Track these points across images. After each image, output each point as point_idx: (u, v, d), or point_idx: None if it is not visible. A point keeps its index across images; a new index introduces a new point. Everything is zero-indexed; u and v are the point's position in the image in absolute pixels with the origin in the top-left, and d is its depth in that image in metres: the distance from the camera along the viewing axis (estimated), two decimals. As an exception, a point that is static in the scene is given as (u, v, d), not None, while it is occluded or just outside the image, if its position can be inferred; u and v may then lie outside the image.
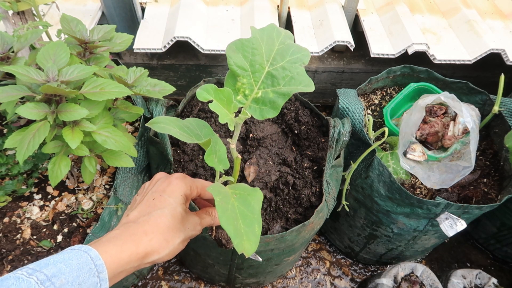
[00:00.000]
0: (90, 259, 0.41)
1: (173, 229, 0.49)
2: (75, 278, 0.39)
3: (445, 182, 0.95)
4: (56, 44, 0.70)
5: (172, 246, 0.49)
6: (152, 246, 0.46)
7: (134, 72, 0.82)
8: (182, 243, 0.51)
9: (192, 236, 0.52)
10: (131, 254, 0.44)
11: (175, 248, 0.49)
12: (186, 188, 0.53)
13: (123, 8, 1.30)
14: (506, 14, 1.48)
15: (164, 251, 0.48)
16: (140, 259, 0.46)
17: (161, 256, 0.47)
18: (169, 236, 0.48)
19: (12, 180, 0.92)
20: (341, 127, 0.91)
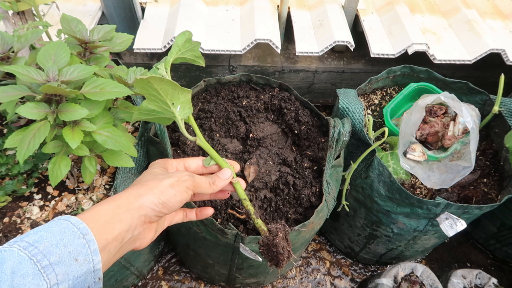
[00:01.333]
0: (72, 224, 0.40)
1: (151, 178, 0.50)
2: (59, 240, 0.38)
3: (445, 182, 0.95)
4: (57, 44, 0.70)
5: (156, 187, 0.48)
6: (131, 192, 0.47)
7: (134, 72, 0.82)
8: (170, 185, 0.49)
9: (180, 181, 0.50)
10: (111, 203, 0.44)
11: (164, 189, 0.48)
12: (159, 161, 0.55)
13: (123, 8, 1.30)
14: (506, 14, 1.48)
15: (147, 191, 0.47)
16: (125, 204, 0.45)
17: (145, 196, 0.47)
18: (148, 182, 0.49)
19: (12, 180, 0.92)
20: (341, 127, 0.91)
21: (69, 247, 0.38)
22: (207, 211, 0.62)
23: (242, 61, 1.43)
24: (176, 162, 0.57)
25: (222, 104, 1.02)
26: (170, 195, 0.48)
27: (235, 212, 0.70)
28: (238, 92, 1.06)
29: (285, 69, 1.44)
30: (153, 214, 0.47)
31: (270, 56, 1.45)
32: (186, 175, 0.52)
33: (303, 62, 1.45)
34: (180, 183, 0.50)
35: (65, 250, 0.37)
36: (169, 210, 0.49)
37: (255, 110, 1.01)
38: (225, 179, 0.57)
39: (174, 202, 0.49)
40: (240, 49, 1.23)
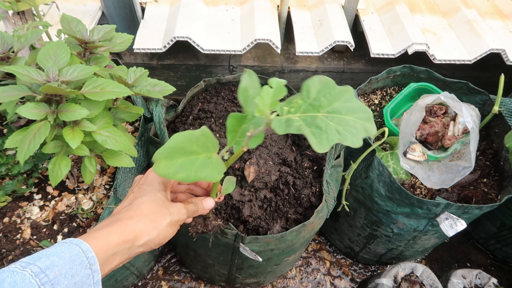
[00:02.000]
0: (82, 252, 0.41)
1: (157, 212, 0.50)
2: (68, 270, 0.39)
3: (445, 182, 0.95)
4: (57, 44, 0.70)
5: (160, 227, 0.49)
6: (139, 227, 0.47)
7: (134, 72, 0.82)
8: (170, 226, 0.51)
9: (179, 220, 0.52)
10: (120, 236, 0.45)
11: (164, 231, 0.50)
12: (161, 177, 0.54)
13: (123, 8, 1.30)
14: (506, 14, 1.48)
15: (153, 232, 0.48)
16: (131, 241, 0.46)
17: (151, 237, 0.48)
18: (154, 218, 0.49)
19: (12, 180, 0.92)
20: (341, 127, 0.91)
21: (76, 278, 0.39)
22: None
23: (242, 61, 1.43)
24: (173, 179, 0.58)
25: (222, 104, 1.02)
26: (167, 236, 0.51)
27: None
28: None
29: (285, 69, 1.44)
30: (147, 251, 0.51)
31: (270, 56, 1.46)
32: (185, 214, 0.54)
33: (303, 62, 1.45)
34: (178, 223, 0.53)
35: (72, 280, 0.39)
36: (158, 246, 0.52)
37: (255, 110, 1.01)
38: (207, 208, 0.60)
39: (165, 241, 0.51)
40: (240, 49, 1.23)
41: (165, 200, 0.52)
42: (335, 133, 0.41)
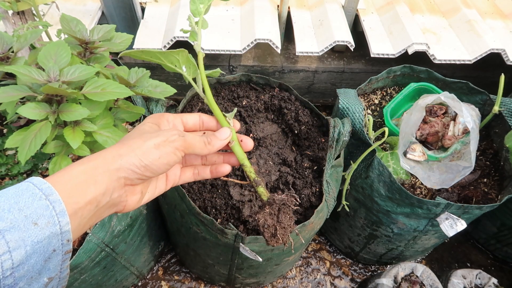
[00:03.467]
0: (33, 185, 0.36)
1: (135, 136, 0.44)
2: (13, 204, 0.34)
3: (445, 182, 0.95)
4: (57, 44, 0.70)
5: (140, 150, 0.43)
6: (110, 153, 0.42)
7: (136, 72, 0.82)
8: (155, 147, 0.43)
9: (168, 141, 0.45)
10: (87, 163, 0.40)
11: (147, 152, 0.43)
12: (155, 114, 0.50)
13: (123, 8, 1.30)
14: (506, 14, 1.48)
15: (127, 152, 0.42)
16: (102, 165, 0.41)
17: (126, 157, 0.42)
18: (130, 141, 0.43)
19: (12, 180, 0.91)
20: (341, 127, 0.91)
21: (25, 211, 0.34)
22: (223, 168, 0.55)
23: (242, 61, 1.43)
24: (173, 116, 0.51)
25: (222, 104, 1.02)
26: (154, 157, 0.43)
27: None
28: (238, 92, 1.06)
29: (285, 69, 1.44)
30: (134, 177, 0.43)
31: (270, 56, 1.45)
32: (175, 134, 0.46)
33: (303, 62, 1.45)
34: (167, 143, 0.45)
35: (20, 214, 0.34)
36: (154, 173, 0.44)
37: (255, 110, 1.01)
38: (222, 139, 0.50)
39: (159, 165, 0.44)
40: (240, 49, 1.22)
41: (151, 128, 0.47)
42: None
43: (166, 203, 0.97)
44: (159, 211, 1.14)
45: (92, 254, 0.83)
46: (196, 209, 0.82)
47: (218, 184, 0.89)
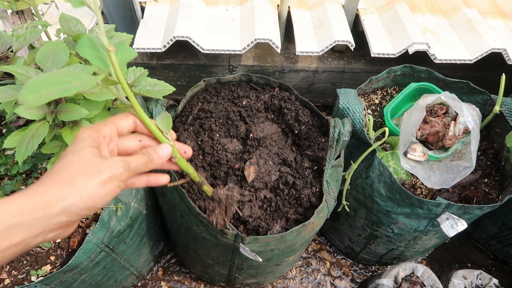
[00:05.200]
0: None
1: (79, 172, 0.40)
2: None
3: (445, 182, 0.95)
4: (56, 43, 0.70)
5: (84, 189, 0.39)
6: (51, 193, 0.39)
7: (134, 72, 0.82)
8: (101, 185, 0.41)
9: (113, 177, 0.42)
10: (23, 205, 0.37)
11: (92, 192, 0.40)
12: (90, 131, 0.44)
13: (123, 8, 1.30)
14: (507, 14, 1.47)
15: (73, 195, 0.39)
16: (41, 210, 0.37)
17: (71, 202, 0.39)
18: (74, 180, 0.40)
19: (11, 180, 0.91)
20: (342, 127, 0.90)
21: None
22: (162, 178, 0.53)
23: (242, 61, 1.42)
24: (109, 129, 0.47)
25: (222, 104, 1.02)
26: (101, 197, 0.41)
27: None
28: (238, 92, 1.06)
29: (285, 69, 1.44)
30: (76, 218, 0.41)
31: (270, 56, 1.45)
32: (120, 167, 0.43)
33: (303, 61, 1.45)
34: (113, 180, 0.42)
35: None
36: (96, 210, 0.42)
37: (255, 110, 1.01)
38: (164, 157, 0.49)
39: (104, 203, 0.42)
40: (240, 49, 1.22)
41: (93, 157, 0.42)
42: None
43: (166, 203, 0.97)
44: (159, 211, 1.14)
45: (91, 254, 0.83)
46: (196, 209, 0.81)
47: (218, 184, 0.89)
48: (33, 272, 0.82)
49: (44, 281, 0.78)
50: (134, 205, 0.94)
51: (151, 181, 0.52)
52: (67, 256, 0.85)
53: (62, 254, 0.86)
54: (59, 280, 0.81)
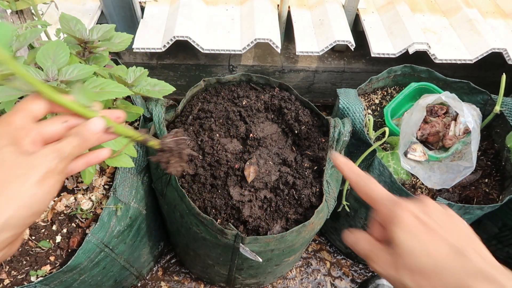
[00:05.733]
0: None
1: (6, 178, 0.34)
2: None
3: (446, 182, 0.95)
4: (56, 43, 0.69)
5: (19, 196, 0.34)
6: None
7: (134, 72, 0.81)
8: (38, 185, 0.35)
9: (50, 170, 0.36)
10: None
11: (29, 197, 0.34)
12: (5, 135, 0.36)
13: (123, 8, 1.30)
14: (507, 14, 1.47)
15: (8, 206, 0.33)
16: None
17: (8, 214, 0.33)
18: (4, 188, 0.33)
19: (11, 180, 0.91)
20: (342, 127, 0.90)
21: None
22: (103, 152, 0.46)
23: (242, 61, 1.42)
24: (20, 117, 0.38)
25: (222, 104, 1.02)
26: (41, 199, 0.35)
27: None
28: (238, 91, 1.06)
29: (285, 69, 1.44)
30: (22, 230, 0.35)
31: (270, 56, 1.45)
32: (54, 158, 0.37)
33: (303, 61, 1.45)
34: (49, 175, 0.36)
35: None
36: (42, 213, 0.37)
37: (255, 110, 1.01)
38: (96, 132, 0.41)
39: (47, 203, 0.37)
40: (240, 49, 1.22)
41: (15, 156, 0.35)
42: None
43: (165, 203, 0.96)
44: (158, 211, 1.13)
45: (91, 254, 0.83)
46: (196, 209, 0.81)
47: (218, 184, 0.89)
48: (32, 272, 0.82)
49: (44, 281, 0.77)
50: (134, 205, 0.94)
51: (91, 160, 0.45)
52: (66, 256, 0.85)
53: (61, 254, 0.85)
54: (59, 280, 0.80)
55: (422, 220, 0.39)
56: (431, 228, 0.38)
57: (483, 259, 0.35)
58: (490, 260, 0.35)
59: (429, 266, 0.36)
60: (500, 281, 0.33)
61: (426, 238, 0.37)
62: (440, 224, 0.39)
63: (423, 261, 0.36)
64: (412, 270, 0.37)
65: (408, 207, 0.40)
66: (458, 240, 0.37)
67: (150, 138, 0.53)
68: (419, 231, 0.38)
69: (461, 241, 0.37)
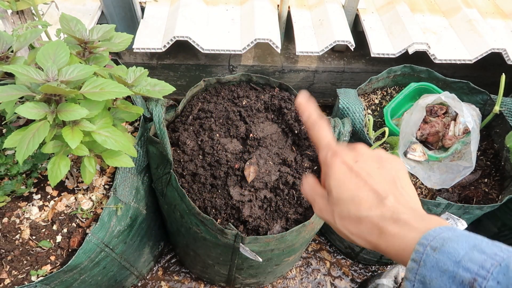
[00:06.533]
0: None
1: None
2: None
3: (445, 182, 0.95)
4: (56, 43, 0.70)
5: None
6: None
7: (134, 72, 0.82)
8: None
9: None
10: None
11: None
12: None
13: (123, 8, 1.30)
14: (507, 14, 1.47)
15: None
16: None
17: None
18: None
19: (11, 180, 0.91)
20: (342, 127, 0.90)
21: None
22: None
23: (242, 61, 1.42)
24: None
25: (222, 104, 1.02)
26: None
27: None
28: (238, 92, 1.06)
29: (285, 69, 1.44)
30: None
31: (270, 56, 1.45)
32: None
33: (303, 61, 1.45)
34: None
35: None
36: None
37: (255, 110, 1.01)
38: None
39: None
40: (240, 49, 1.22)
41: None
42: None
43: (166, 203, 0.97)
44: (159, 211, 1.14)
45: (91, 254, 0.83)
46: (196, 209, 0.81)
47: (218, 184, 0.89)
48: (33, 272, 0.82)
49: (44, 281, 0.78)
50: (134, 205, 0.94)
51: None
52: (67, 256, 0.85)
53: (62, 254, 0.86)
54: (59, 280, 0.81)
55: (352, 169, 0.39)
56: (359, 176, 0.38)
57: (399, 203, 0.36)
58: (407, 204, 0.36)
59: (355, 213, 0.37)
60: (410, 223, 0.34)
61: (354, 187, 0.38)
62: (369, 171, 0.39)
63: (350, 208, 0.37)
64: (342, 216, 0.38)
65: (341, 155, 0.40)
66: (382, 186, 0.38)
67: None
68: (348, 180, 0.38)
69: (385, 187, 0.37)
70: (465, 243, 0.30)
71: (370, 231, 0.36)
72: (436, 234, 0.31)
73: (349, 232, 0.37)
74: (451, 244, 0.30)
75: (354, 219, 0.37)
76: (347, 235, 0.38)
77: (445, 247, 0.30)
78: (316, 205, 0.42)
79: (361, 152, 0.41)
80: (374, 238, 0.36)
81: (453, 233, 0.32)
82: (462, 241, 0.31)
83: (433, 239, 0.31)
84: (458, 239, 0.31)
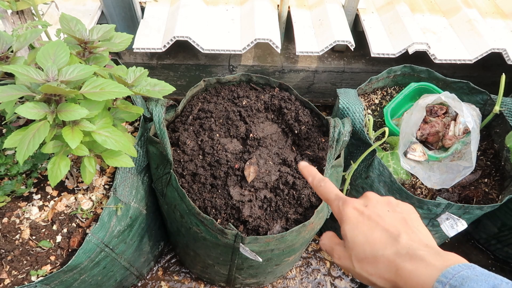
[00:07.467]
0: None
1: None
2: None
3: (445, 182, 0.95)
4: (56, 43, 0.70)
5: None
6: None
7: (134, 72, 0.82)
8: None
9: None
10: None
11: None
12: None
13: (123, 8, 1.30)
14: (507, 14, 1.47)
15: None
16: None
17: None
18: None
19: (11, 180, 0.91)
20: (342, 127, 0.90)
21: None
22: None
23: (242, 61, 1.42)
24: None
25: (222, 104, 1.02)
26: None
27: None
28: (238, 92, 1.06)
29: (285, 69, 1.44)
30: None
31: (270, 56, 1.45)
32: None
33: (303, 61, 1.45)
34: None
35: None
36: None
37: (255, 110, 1.01)
38: None
39: None
40: (240, 49, 1.22)
41: None
42: None
43: (166, 203, 0.97)
44: (159, 211, 1.14)
45: (91, 254, 0.83)
46: (196, 209, 0.81)
47: (218, 184, 0.89)
48: (33, 272, 0.82)
49: (44, 281, 0.78)
50: (134, 205, 0.94)
51: None
52: (67, 256, 0.85)
53: (62, 254, 0.86)
54: (59, 280, 0.81)
55: (363, 213, 0.41)
56: (371, 219, 0.41)
57: (412, 241, 0.38)
58: (421, 241, 0.38)
59: (371, 253, 0.39)
60: (426, 259, 0.35)
61: (367, 228, 0.40)
62: (379, 214, 0.41)
63: (365, 249, 0.39)
64: (359, 259, 0.39)
65: (352, 202, 0.43)
66: (394, 226, 0.40)
67: None
68: (361, 223, 0.41)
69: (397, 226, 0.39)
70: (484, 283, 0.31)
71: (387, 269, 0.37)
72: (455, 272, 0.32)
73: (368, 274, 0.39)
74: (470, 283, 0.31)
75: (371, 259, 0.38)
76: (367, 277, 0.39)
77: (465, 286, 0.31)
78: (335, 254, 0.43)
79: (371, 198, 0.44)
80: (392, 276, 0.37)
81: (472, 271, 0.32)
82: (481, 281, 0.31)
83: (452, 277, 0.32)
84: (477, 279, 0.31)
